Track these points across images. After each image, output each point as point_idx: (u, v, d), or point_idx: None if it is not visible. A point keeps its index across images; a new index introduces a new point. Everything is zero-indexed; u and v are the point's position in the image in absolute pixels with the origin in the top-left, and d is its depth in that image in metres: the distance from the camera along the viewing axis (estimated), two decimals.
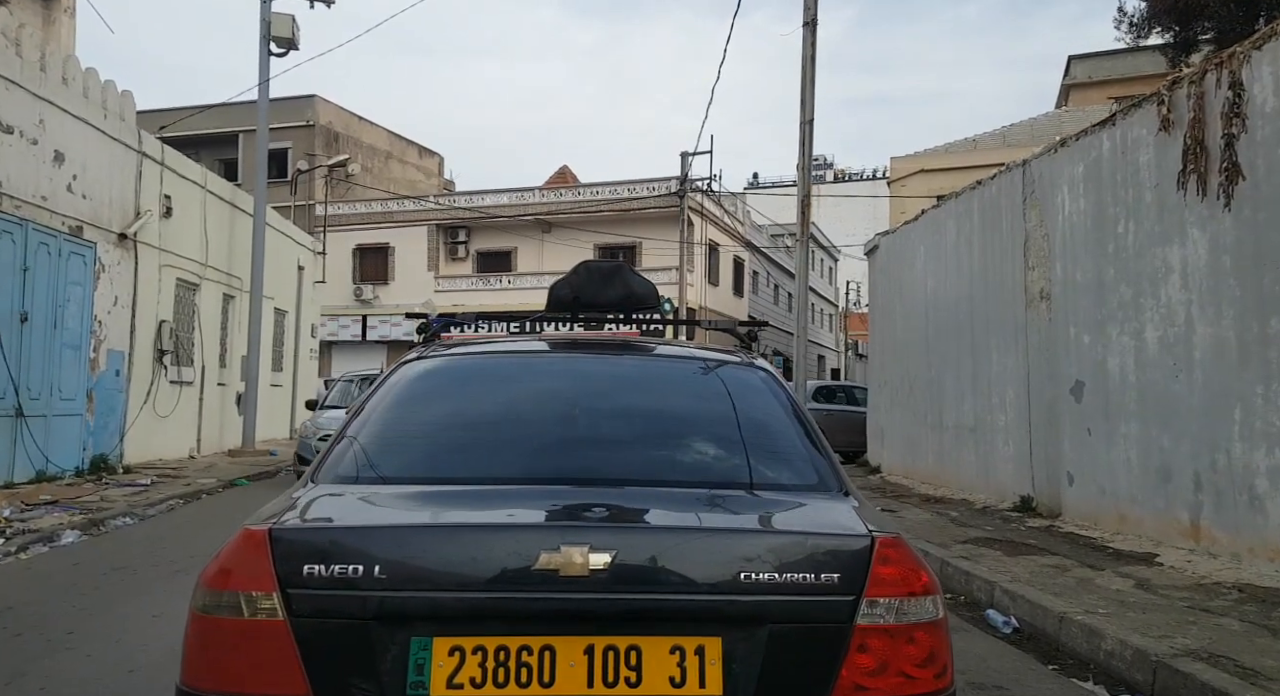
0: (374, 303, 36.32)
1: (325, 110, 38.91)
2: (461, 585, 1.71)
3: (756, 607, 1.72)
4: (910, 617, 1.76)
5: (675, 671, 1.68)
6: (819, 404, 15.03)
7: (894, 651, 1.74)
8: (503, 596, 1.70)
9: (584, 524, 1.84)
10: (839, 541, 1.84)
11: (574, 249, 34.13)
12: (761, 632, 1.71)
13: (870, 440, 13.98)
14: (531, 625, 1.70)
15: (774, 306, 44.69)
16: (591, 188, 33.85)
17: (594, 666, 1.68)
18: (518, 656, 1.67)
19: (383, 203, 37.06)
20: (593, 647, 1.69)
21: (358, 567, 1.69)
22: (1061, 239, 8.31)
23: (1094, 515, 7.72)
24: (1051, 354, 8.47)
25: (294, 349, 19.33)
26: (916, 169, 29.01)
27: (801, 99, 13.22)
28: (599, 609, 1.70)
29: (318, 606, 1.69)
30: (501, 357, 2.82)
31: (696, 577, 1.74)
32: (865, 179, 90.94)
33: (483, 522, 1.90)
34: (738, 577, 1.73)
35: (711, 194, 32.75)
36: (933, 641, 1.78)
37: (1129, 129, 7.27)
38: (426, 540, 1.80)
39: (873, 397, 14.05)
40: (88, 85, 11.93)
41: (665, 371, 2.78)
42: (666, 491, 2.07)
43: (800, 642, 1.73)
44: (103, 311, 12.15)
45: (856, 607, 1.73)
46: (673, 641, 1.70)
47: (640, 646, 1.69)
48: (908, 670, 1.74)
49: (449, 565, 1.73)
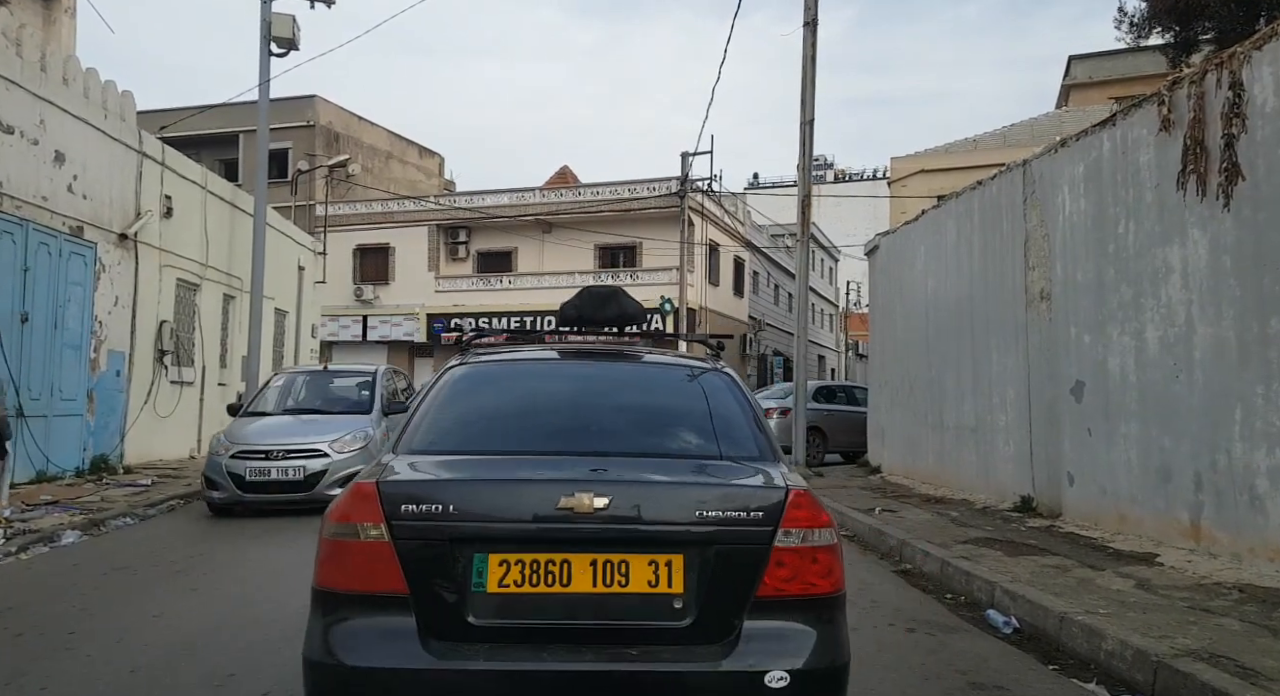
0: (374, 303, 36.33)
1: (325, 110, 38.91)
2: (506, 519, 2.57)
3: (707, 535, 2.56)
4: (813, 543, 2.61)
5: (652, 577, 2.53)
6: (819, 404, 15.03)
7: (802, 566, 2.59)
8: (534, 527, 2.55)
9: (590, 478, 2.64)
10: (765, 491, 2.71)
11: (574, 249, 34.15)
12: (710, 551, 2.56)
13: (871, 440, 13.98)
14: (554, 546, 2.53)
15: (774, 306, 44.69)
16: (592, 188, 33.88)
17: (597, 573, 2.52)
18: (545, 566, 2.51)
19: (383, 203, 37.07)
20: (596, 561, 2.52)
21: (437, 507, 2.55)
22: (1062, 239, 8.31)
23: (1094, 515, 7.72)
24: (1052, 354, 8.47)
25: (294, 349, 19.33)
26: (917, 169, 28.99)
27: (802, 99, 13.24)
28: (600, 535, 2.54)
29: (411, 533, 2.53)
30: (524, 363, 3.76)
31: (666, 515, 2.60)
32: (865, 179, 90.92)
33: (520, 478, 2.77)
34: (694, 514, 2.58)
35: (712, 194, 32.80)
36: (830, 560, 2.64)
37: (1129, 129, 7.27)
38: (482, 490, 2.70)
39: (873, 398, 14.05)
40: (88, 85, 11.94)
41: (650, 374, 3.67)
42: (650, 459, 2.97)
43: (737, 558, 2.57)
44: (103, 312, 12.16)
45: (775, 535, 2.58)
46: (650, 557, 2.54)
47: (628, 561, 2.54)
48: (812, 579, 2.59)
49: (497, 507, 2.61)
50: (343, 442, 9.55)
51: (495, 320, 34.29)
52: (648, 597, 2.54)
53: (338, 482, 9.09)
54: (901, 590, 6.34)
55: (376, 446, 9.51)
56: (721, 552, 2.57)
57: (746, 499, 2.67)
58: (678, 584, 2.54)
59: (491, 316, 34.32)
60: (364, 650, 2.49)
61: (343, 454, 9.45)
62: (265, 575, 6.56)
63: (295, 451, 9.38)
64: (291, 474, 9.24)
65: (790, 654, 2.55)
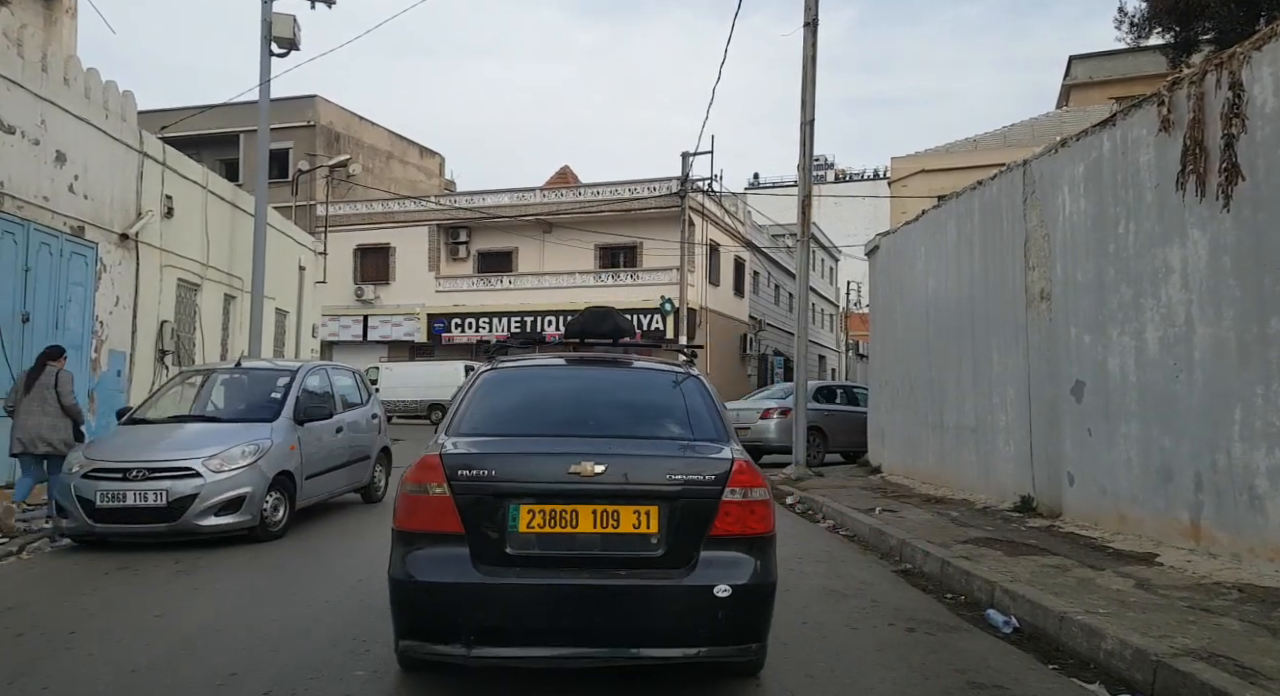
0: (375, 303, 36.35)
1: (326, 110, 38.93)
2: (532, 481, 3.64)
3: (675, 492, 3.62)
4: (752, 498, 3.67)
5: (636, 521, 3.58)
6: (819, 404, 15.02)
7: (743, 514, 3.65)
8: (552, 486, 3.59)
9: (591, 452, 3.67)
10: (717, 462, 3.77)
11: (575, 249, 34.17)
12: (679, 503, 3.61)
13: (871, 440, 13.98)
14: (566, 499, 3.57)
15: (775, 306, 44.71)
16: (592, 188, 33.88)
17: (596, 519, 3.57)
18: (560, 514, 3.56)
19: (383, 203, 37.09)
20: (596, 511, 3.58)
21: (483, 472, 3.62)
22: (1062, 239, 8.31)
23: (1094, 515, 7.72)
24: (1052, 354, 8.48)
25: (295, 349, 19.34)
26: (917, 169, 28.96)
27: (802, 100, 13.23)
28: (599, 492, 3.58)
29: (465, 490, 3.58)
30: (539, 368, 4.83)
31: (645, 478, 3.65)
32: (865, 179, 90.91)
33: (540, 452, 3.79)
34: (666, 478, 3.65)
35: (712, 194, 32.82)
36: (764, 510, 3.70)
37: (1129, 129, 7.27)
38: (514, 460, 3.75)
39: (873, 398, 14.05)
40: (89, 86, 11.95)
41: (637, 377, 4.73)
42: (637, 440, 3.97)
43: (696, 508, 3.61)
44: (104, 312, 12.18)
45: (723, 493, 3.64)
46: (635, 508, 3.59)
47: (619, 511, 3.58)
48: (750, 524, 3.65)
49: (525, 472, 3.67)
50: (223, 458, 7.68)
51: (496, 320, 34.31)
52: (633, 536, 3.61)
53: (213, 509, 7.48)
54: (901, 590, 6.35)
55: (279, 460, 8.12)
56: (686, 505, 3.64)
57: (703, 467, 3.74)
58: (654, 526, 3.61)
59: (492, 316, 34.36)
60: (428, 572, 3.55)
61: (221, 473, 7.58)
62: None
63: (159, 471, 7.47)
64: (152, 498, 7.34)
65: (733, 575, 3.59)
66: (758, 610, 3.67)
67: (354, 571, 6.44)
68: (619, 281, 33.13)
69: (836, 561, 7.26)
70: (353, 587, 5.94)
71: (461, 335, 34.77)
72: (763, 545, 3.71)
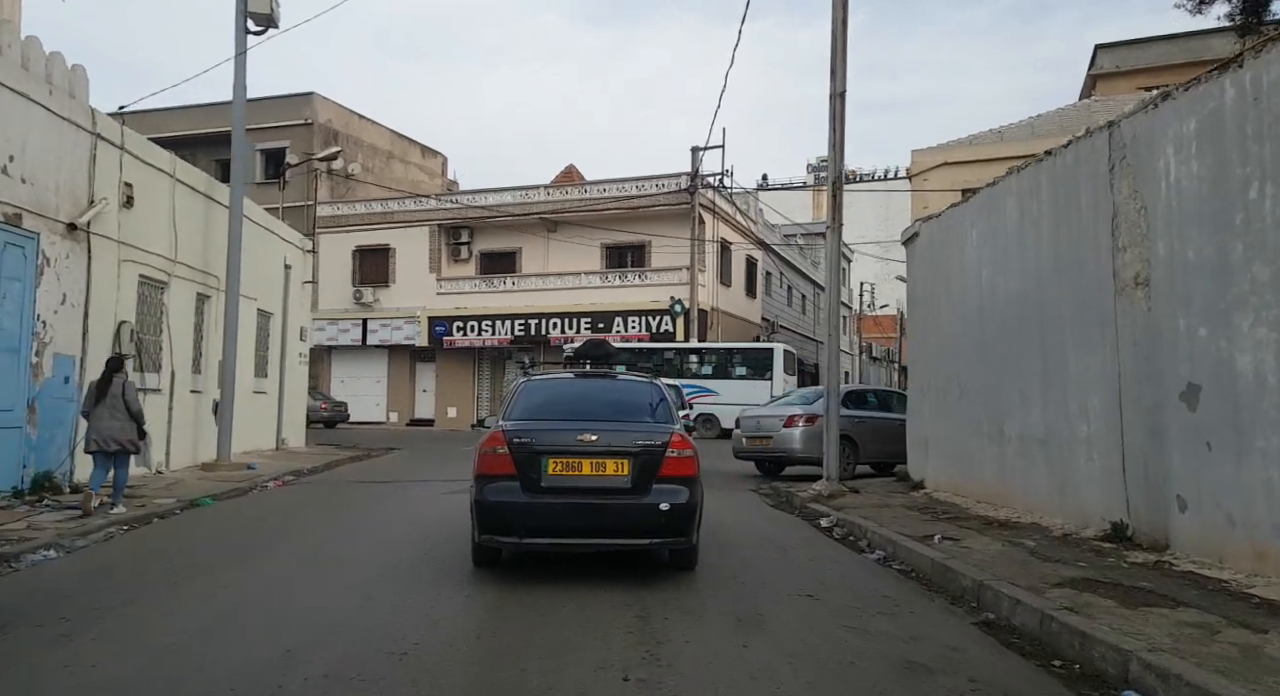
0: (374, 305, 35.03)
1: (324, 108, 37.66)
2: (556, 445, 6.39)
3: (639, 450, 6.40)
4: (683, 455, 6.49)
5: (616, 468, 6.36)
6: (849, 410, 13.54)
7: (679, 464, 6.45)
8: (567, 447, 6.37)
9: (590, 428, 6.45)
10: (663, 433, 6.57)
11: (580, 248, 32.77)
12: (640, 457, 6.39)
13: (911, 451, 12.52)
14: (575, 455, 6.36)
15: (787, 308, 43.20)
16: (599, 185, 32.45)
17: (593, 466, 6.36)
18: (572, 464, 6.34)
19: (383, 202, 35.78)
20: (593, 462, 6.36)
21: (527, 439, 6.40)
22: (1165, 212, 6.86)
23: (1218, 550, 6.25)
24: (1152, 351, 7.02)
25: (280, 354, 17.97)
26: (940, 161, 27.47)
27: (831, 68, 11.82)
28: (594, 451, 6.36)
29: (517, 450, 6.35)
30: (557, 380, 7.86)
31: (621, 444, 6.41)
32: (877, 179, 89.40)
33: (561, 429, 6.55)
34: (633, 443, 6.43)
35: (723, 191, 31.34)
36: (690, 461, 6.52)
37: (1266, 69, 5.82)
38: (545, 432, 6.54)
39: (913, 403, 12.57)
40: (28, 55, 10.60)
41: (620, 384, 7.68)
42: (617, 422, 6.76)
43: (651, 460, 6.39)
44: (48, 310, 10.80)
45: (666, 451, 6.43)
46: (615, 460, 6.36)
47: (606, 462, 6.35)
48: (683, 471, 6.47)
49: (552, 440, 6.43)
50: None
51: (499, 323, 32.94)
52: (614, 477, 6.30)
53: None
54: (1000, 658, 4.88)
55: None
56: (644, 459, 6.33)
57: (655, 436, 6.47)
58: (626, 471, 6.30)
59: (495, 319, 32.99)
60: (497, 496, 6.26)
61: None
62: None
63: None
64: None
65: (671, 498, 6.29)
66: (685, 518, 6.34)
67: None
68: (626, 282, 31.74)
69: (903, 612, 5.80)
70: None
71: (464, 338, 33.43)
72: (689, 482, 6.43)
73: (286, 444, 17.92)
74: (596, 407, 6.87)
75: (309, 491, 12.19)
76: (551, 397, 7.15)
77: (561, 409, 6.88)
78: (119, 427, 9.50)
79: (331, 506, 10.65)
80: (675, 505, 6.20)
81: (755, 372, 27.27)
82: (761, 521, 9.81)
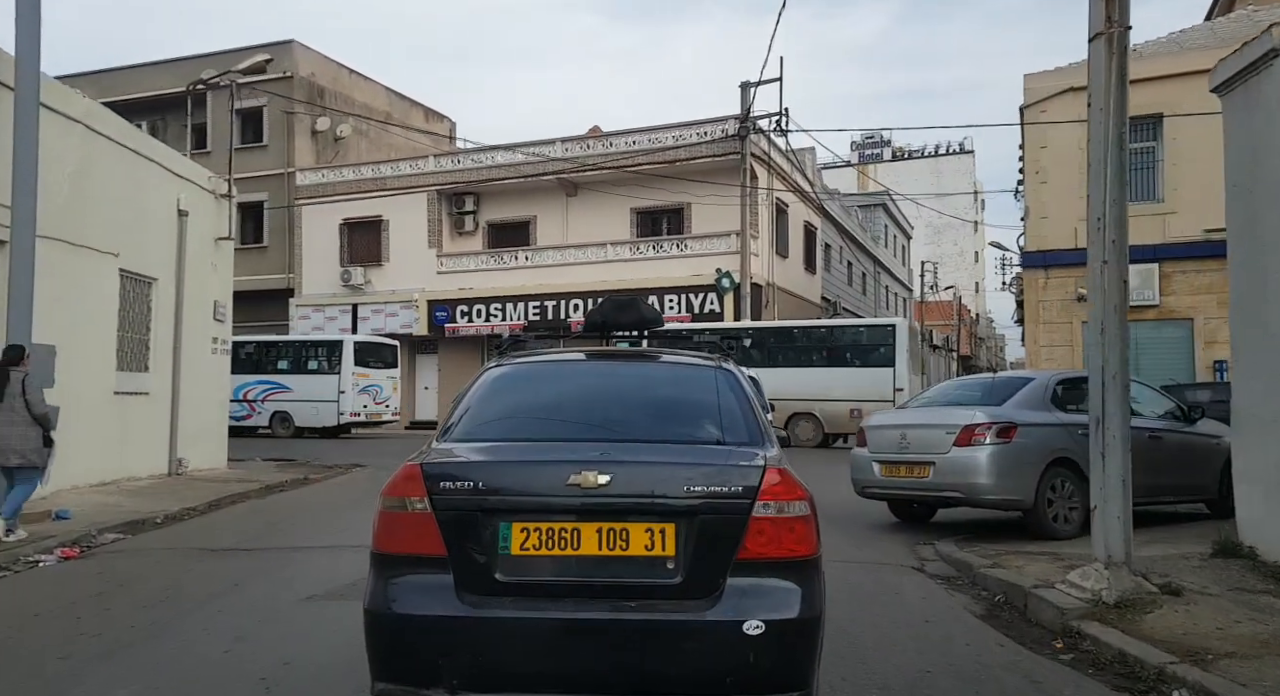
0: (365, 289, 29.75)
1: (307, 59, 32.43)
2: (525, 493, 3.09)
3: (695, 506, 3.03)
4: (789, 514, 3.06)
5: (649, 541, 3.01)
6: (1066, 414, 7.81)
7: (778, 533, 3.03)
8: (549, 499, 3.06)
9: (595, 459, 3.10)
10: (744, 469, 3.15)
11: (606, 214, 27.14)
12: (700, 519, 3.02)
13: (1241, 487, 6.69)
14: (566, 516, 3.04)
15: (848, 286, 37.33)
16: (627, 136, 26.77)
17: (602, 538, 3.01)
18: (558, 533, 3.02)
19: (374, 166, 30.48)
20: (601, 529, 3.02)
21: (468, 484, 3.07)
22: None
23: None
24: None
25: (174, 339, 12.55)
26: (1064, 87, 21.48)
27: None
28: (603, 507, 3.03)
29: (448, 505, 3.06)
30: (553, 364, 4.30)
31: (659, 490, 3.06)
32: (926, 157, 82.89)
33: (536, 459, 3.26)
34: (683, 489, 3.05)
35: (779, 136, 25.37)
36: (805, 528, 3.08)
37: None
38: (505, 469, 3.21)
39: (1243, 400, 6.69)
40: None
41: (661, 372, 4.12)
42: (653, 444, 3.39)
43: (721, 525, 3.03)
44: None
45: (753, 507, 3.03)
46: (646, 525, 3.02)
47: (628, 528, 3.02)
48: (788, 545, 3.04)
49: (518, 483, 3.12)
50: None
51: (510, 306, 27.49)
52: (645, 559, 3.01)
53: None
54: None
55: None
56: (708, 522, 3.02)
57: (729, 476, 3.11)
58: (670, 548, 3.00)
59: (505, 302, 27.53)
60: (412, 601, 3.02)
61: None
62: None
63: None
64: None
65: (767, 608, 2.95)
66: (799, 651, 3.02)
67: None
68: (662, 253, 26.13)
69: None
70: None
71: (469, 325, 28.06)
72: (805, 570, 3.11)
73: (186, 465, 12.51)
74: (617, 416, 3.65)
75: (95, 575, 6.42)
76: (537, 398, 3.89)
77: (553, 419, 3.70)
78: (19, 435, 7.73)
79: (87, 628, 5.10)
80: (778, 622, 2.94)
81: (869, 357, 20.41)
82: (976, 667, 4.28)
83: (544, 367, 4.22)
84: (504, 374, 4.00)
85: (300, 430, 23.95)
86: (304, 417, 23.81)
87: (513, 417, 3.72)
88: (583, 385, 4.00)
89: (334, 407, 23.48)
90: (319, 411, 23.54)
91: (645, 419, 3.64)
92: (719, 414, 3.62)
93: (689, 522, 3.02)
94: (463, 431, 3.57)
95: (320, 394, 23.37)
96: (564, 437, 3.47)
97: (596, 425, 3.56)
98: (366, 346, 25.31)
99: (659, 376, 4.07)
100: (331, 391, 23.46)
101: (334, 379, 23.68)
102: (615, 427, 3.53)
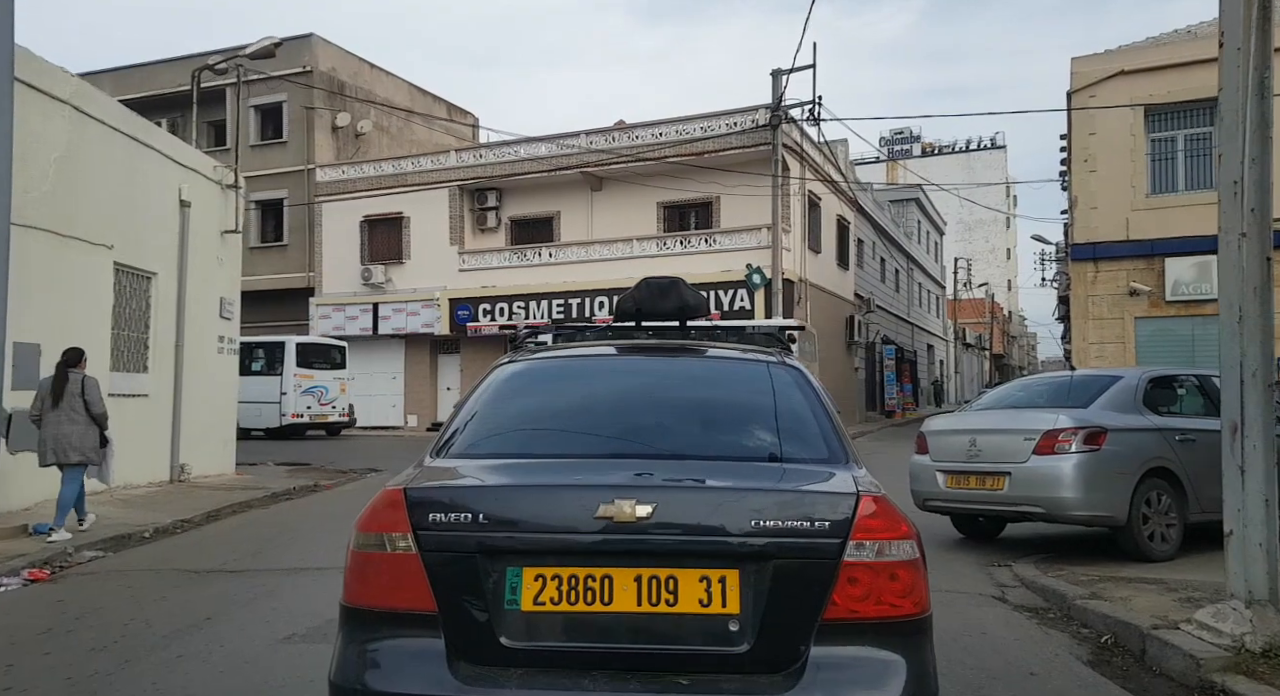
0: (386, 287, 29.10)
1: (327, 54, 31.86)
2: (540, 530, 2.38)
3: (766, 547, 2.32)
4: (890, 557, 2.33)
5: (704, 595, 2.30)
6: (1160, 417, 6.85)
7: (877, 583, 2.31)
8: (571, 538, 2.35)
9: (632, 484, 2.42)
10: (830, 497, 2.43)
11: (631, 209, 26.29)
12: (770, 566, 2.31)
13: None
14: (594, 559, 2.34)
15: (881, 284, 36.22)
16: (654, 128, 25.88)
17: (642, 590, 2.30)
18: (585, 582, 2.32)
19: (394, 162, 29.81)
20: (640, 577, 2.31)
21: (465, 516, 2.37)
22: None
23: None
24: None
25: (176, 337, 11.84)
26: (1114, 71, 20.37)
27: None
28: (644, 547, 2.32)
29: (439, 544, 2.36)
30: (577, 360, 3.47)
31: (718, 525, 2.34)
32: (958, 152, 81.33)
33: (556, 483, 2.56)
34: (750, 524, 2.33)
35: (811, 125, 24.34)
36: (912, 577, 2.36)
37: None
38: (514, 496, 2.51)
39: None
40: None
41: (711, 369, 3.36)
42: (705, 463, 2.67)
43: (800, 574, 2.31)
44: None
45: (844, 548, 2.31)
46: (701, 573, 2.31)
47: (677, 576, 2.31)
48: (890, 599, 2.31)
49: (531, 515, 2.42)
50: None
51: (534, 303, 26.71)
52: (699, 619, 2.31)
53: None
54: None
55: None
56: (783, 568, 2.32)
57: (811, 506, 2.40)
58: (733, 603, 2.31)
59: (529, 299, 26.76)
60: (389, 673, 2.33)
61: None
62: None
63: None
64: None
65: (866, 685, 2.26)
66: None
67: None
68: (690, 248, 25.21)
69: None
70: None
71: (491, 324, 27.31)
72: (914, 634, 2.34)
73: (189, 472, 11.79)
74: (658, 427, 2.88)
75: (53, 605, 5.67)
76: (553, 402, 3.12)
77: (577, 430, 2.90)
78: (78, 433, 7.95)
79: (14, 680, 4.30)
80: None
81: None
82: None
83: (567, 364, 3.46)
84: (518, 372, 3.31)
85: (246, 431, 22.51)
86: (247, 419, 22.28)
87: (529, 427, 3.02)
88: (615, 386, 3.27)
89: (276, 409, 23.21)
90: (261, 413, 23.06)
91: (694, 429, 2.94)
92: (789, 423, 2.90)
93: (758, 569, 2.32)
94: (464, 445, 2.89)
95: (262, 395, 22.86)
96: (592, 453, 2.81)
97: (633, 438, 2.88)
98: (310, 348, 24.94)
99: (710, 375, 3.34)
100: (274, 393, 23.18)
101: (276, 380, 23.38)
102: (657, 441, 2.84)
